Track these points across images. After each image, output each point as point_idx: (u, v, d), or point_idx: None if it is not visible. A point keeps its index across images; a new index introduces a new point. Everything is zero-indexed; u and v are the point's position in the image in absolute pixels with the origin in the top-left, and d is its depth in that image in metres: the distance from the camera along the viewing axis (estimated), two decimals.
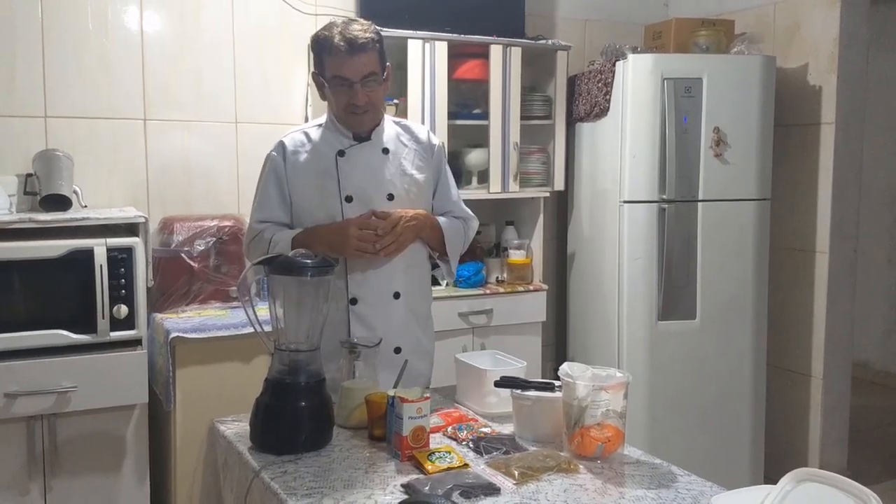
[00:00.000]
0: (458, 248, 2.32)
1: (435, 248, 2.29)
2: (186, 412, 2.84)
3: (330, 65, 2.09)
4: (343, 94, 2.10)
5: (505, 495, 1.57)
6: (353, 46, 2.05)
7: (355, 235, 2.07)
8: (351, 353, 1.98)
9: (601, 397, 1.72)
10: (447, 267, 2.32)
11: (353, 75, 2.07)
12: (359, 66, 2.07)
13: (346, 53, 2.05)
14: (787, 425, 3.82)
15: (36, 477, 2.66)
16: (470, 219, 2.37)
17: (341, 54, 2.06)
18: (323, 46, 2.09)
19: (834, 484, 1.22)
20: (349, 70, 2.07)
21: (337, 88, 2.11)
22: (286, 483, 1.62)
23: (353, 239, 2.07)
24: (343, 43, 2.05)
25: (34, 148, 3.03)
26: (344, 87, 2.09)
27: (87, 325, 2.67)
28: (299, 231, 2.14)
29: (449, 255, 2.29)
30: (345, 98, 2.11)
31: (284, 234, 2.14)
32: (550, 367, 3.97)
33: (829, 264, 3.65)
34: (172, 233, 3.09)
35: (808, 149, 3.70)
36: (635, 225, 3.50)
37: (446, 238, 2.25)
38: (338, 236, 2.09)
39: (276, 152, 2.20)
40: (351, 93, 2.09)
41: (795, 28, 3.73)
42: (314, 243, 2.07)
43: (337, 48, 2.06)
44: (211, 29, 3.35)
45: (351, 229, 2.08)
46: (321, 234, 2.12)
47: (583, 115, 3.75)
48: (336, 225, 2.12)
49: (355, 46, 2.06)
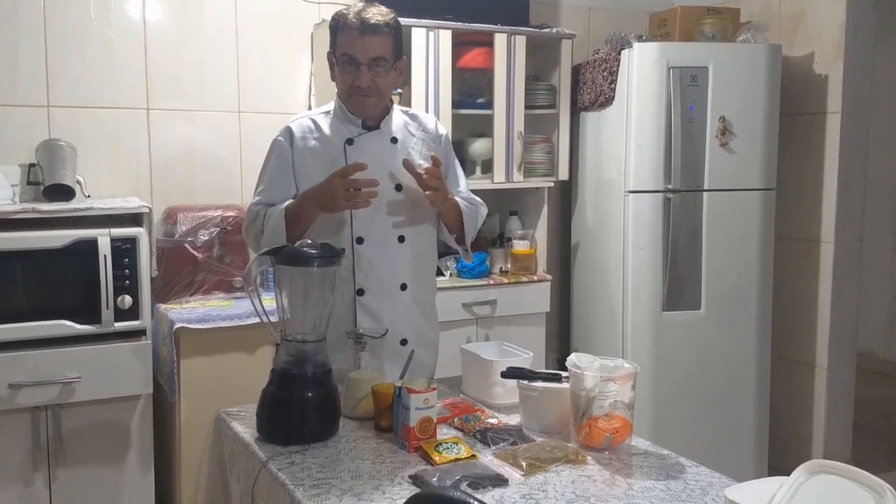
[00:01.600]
0: (473, 229, 2.31)
1: (452, 229, 2.27)
2: (191, 403, 2.83)
3: (341, 42, 2.09)
4: (349, 74, 2.10)
5: (513, 486, 1.57)
6: (365, 26, 2.05)
7: (341, 185, 2.03)
8: (357, 343, 1.98)
9: (609, 388, 1.72)
10: (462, 248, 2.32)
11: (361, 56, 2.07)
12: (368, 48, 2.06)
13: (357, 32, 2.05)
14: (792, 415, 3.82)
15: (40, 467, 2.66)
16: (479, 204, 2.37)
17: (353, 33, 2.06)
18: (338, 23, 2.10)
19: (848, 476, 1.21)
20: (358, 49, 2.07)
21: (344, 67, 2.10)
22: (293, 474, 1.61)
23: (340, 190, 2.03)
24: (356, 21, 2.06)
25: (37, 138, 3.02)
26: (351, 66, 2.09)
27: (92, 316, 2.67)
28: (289, 201, 2.12)
29: (466, 234, 2.27)
30: (350, 78, 2.10)
31: (275, 207, 2.12)
32: (554, 358, 3.96)
33: (835, 254, 3.63)
34: (176, 223, 3.08)
35: (814, 138, 3.68)
36: (640, 215, 3.48)
37: (465, 217, 2.24)
38: (325, 190, 2.05)
39: (283, 137, 2.18)
40: (356, 73, 2.08)
41: (801, 16, 3.71)
42: (306, 207, 2.06)
43: (349, 26, 2.06)
44: (214, 18, 3.34)
45: (335, 181, 2.04)
46: (310, 196, 2.09)
47: (587, 104, 3.73)
48: (323, 182, 2.08)
49: (367, 27, 2.05)
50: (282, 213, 2.08)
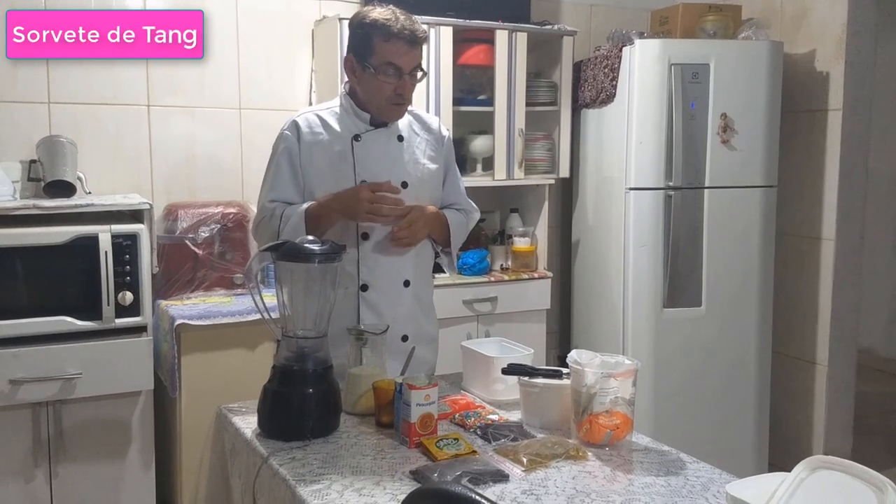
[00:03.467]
0: (461, 242, 2.33)
1: (439, 241, 2.28)
2: (192, 399, 2.84)
3: (384, 50, 2.06)
4: (389, 84, 2.08)
5: (514, 482, 1.57)
6: (415, 38, 2.06)
7: (367, 198, 2.04)
8: (358, 339, 1.98)
9: (610, 384, 1.72)
10: (448, 259, 2.32)
11: (406, 66, 2.07)
12: (414, 58, 2.08)
13: (406, 43, 2.05)
14: (792, 412, 3.82)
15: (41, 463, 2.67)
16: (472, 211, 2.37)
17: (401, 44, 2.05)
18: (379, 31, 2.06)
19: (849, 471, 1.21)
20: (405, 60, 2.07)
21: (385, 77, 2.08)
22: (294, 469, 1.61)
23: (364, 202, 2.04)
24: (407, 32, 2.05)
25: (38, 134, 3.02)
26: (392, 76, 2.07)
27: (93, 312, 2.67)
28: (311, 203, 2.11)
29: (452, 249, 2.28)
30: (390, 87, 2.08)
31: (296, 207, 2.11)
32: (555, 355, 3.96)
33: (835, 251, 3.63)
34: (177, 219, 3.08)
35: (815, 135, 3.68)
36: (641, 212, 3.48)
37: (452, 234, 2.25)
38: (350, 200, 2.06)
39: (290, 131, 2.16)
40: (399, 83, 2.08)
41: (803, 13, 3.70)
42: (327, 210, 2.07)
43: (398, 36, 2.05)
44: (215, 14, 3.32)
45: (363, 192, 2.05)
46: (334, 199, 2.09)
47: (589, 101, 3.73)
48: (349, 189, 2.09)
49: (416, 38, 2.07)
50: (302, 214, 2.07)
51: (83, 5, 3.09)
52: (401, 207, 2.10)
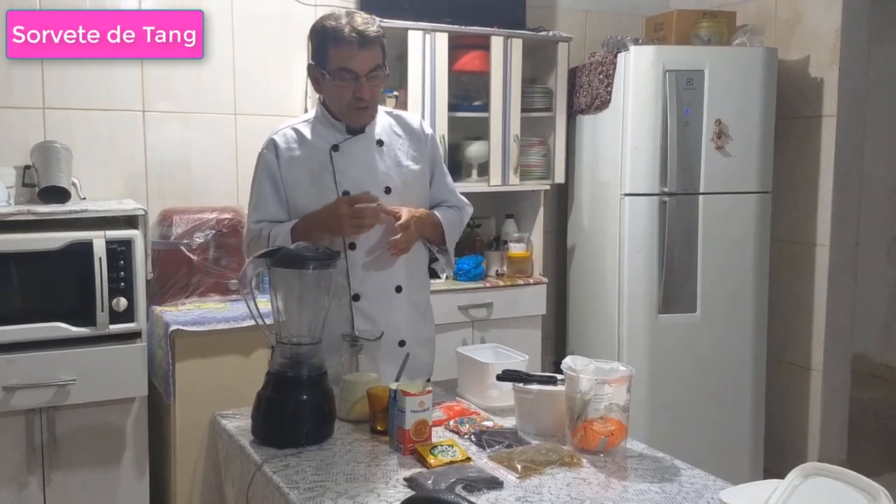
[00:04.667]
0: (456, 239, 2.32)
1: (434, 242, 2.28)
2: (186, 405, 2.83)
3: (336, 56, 2.05)
4: (347, 88, 2.07)
5: (508, 489, 1.57)
6: (364, 39, 2.03)
7: (347, 213, 2.04)
8: (352, 346, 1.97)
9: (604, 391, 1.72)
10: (446, 258, 2.31)
11: (360, 69, 2.05)
12: (367, 60, 2.05)
13: (356, 46, 2.03)
14: (787, 418, 3.82)
15: (35, 470, 2.65)
16: (464, 206, 2.36)
17: (351, 47, 2.03)
18: (329, 37, 2.05)
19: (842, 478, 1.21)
20: (358, 63, 2.04)
21: (341, 81, 2.07)
22: (288, 476, 1.61)
23: (345, 217, 2.04)
24: (354, 35, 2.02)
25: (32, 139, 3.01)
26: (349, 80, 2.06)
27: (87, 318, 2.66)
28: (296, 221, 2.12)
29: (448, 247, 2.28)
30: (349, 92, 2.08)
31: (282, 227, 2.12)
32: (550, 361, 3.96)
33: (830, 257, 3.64)
34: (171, 225, 3.08)
35: (810, 141, 3.69)
36: (636, 218, 3.49)
37: (446, 232, 2.24)
38: (332, 216, 2.06)
39: (268, 150, 2.17)
40: (356, 86, 2.06)
41: (797, 20, 3.72)
42: (312, 230, 2.07)
43: (347, 40, 2.02)
44: (210, 19, 3.32)
45: (342, 207, 2.05)
46: (316, 220, 2.09)
47: (584, 107, 3.74)
48: (327, 207, 2.09)
49: (366, 39, 2.03)
50: (287, 235, 2.08)
51: (83, 5, 3.09)
52: (386, 209, 2.09)
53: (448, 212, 2.29)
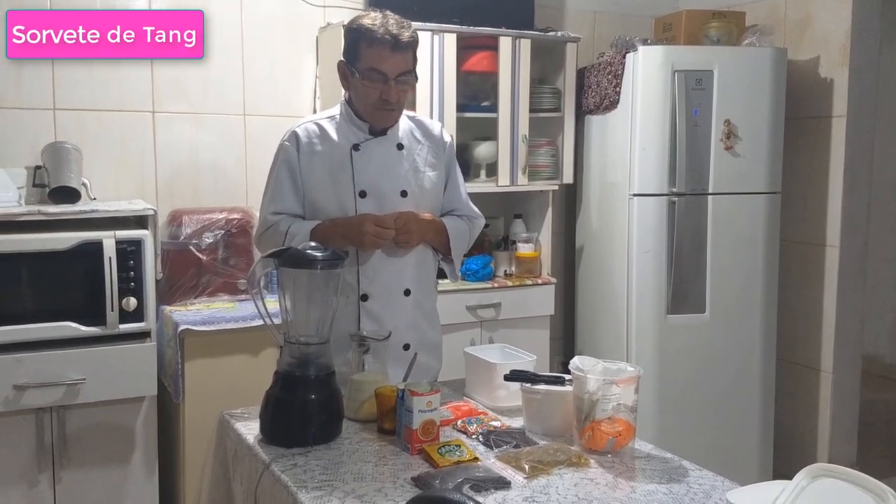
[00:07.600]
0: (463, 250, 2.31)
1: (440, 250, 2.28)
2: (195, 404, 2.84)
3: (368, 56, 2.06)
4: (375, 89, 2.08)
5: (515, 489, 1.57)
6: (397, 42, 2.04)
7: (371, 232, 2.06)
8: (360, 346, 1.98)
9: (612, 391, 1.71)
10: (450, 268, 2.32)
11: (390, 71, 2.06)
12: (398, 64, 2.06)
13: (389, 48, 2.04)
14: (797, 419, 3.81)
15: (45, 468, 2.67)
16: (476, 217, 2.36)
17: (384, 48, 2.04)
18: (363, 36, 2.06)
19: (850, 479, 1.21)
20: (389, 65, 2.05)
21: (370, 82, 2.08)
22: (296, 476, 1.62)
23: (369, 236, 2.06)
24: (388, 37, 2.03)
25: (43, 140, 3.03)
26: (378, 81, 2.07)
27: (97, 318, 2.67)
28: (317, 223, 2.12)
29: (453, 257, 2.28)
30: (376, 93, 2.08)
31: (302, 225, 2.12)
32: (558, 361, 3.96)
33: (840, 258, 3.63)
34: (181, 225, 3.09)
35: (819, 142, 3.68)
36: (645, 218, 3.48)
37: (452, 242, 2.24)
38: (355, 231, 2.08)
39: (290, 142, 2.17)
40: (385, 88, 2.07)
41: (807, 20, 3.70)
42: (332, 237, 2.07)
43: (380, 41, 2.03)
44: (219, 21, 3.34)
45: (366, 226, 2.07)
46: (338, 228, 2.10)
47: (592, 107, 3.73)
48: (354, 219, 2.10)
49: (399, 43, 2.05)
50: (307, 235, 2.08)
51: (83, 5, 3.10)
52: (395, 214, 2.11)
53: (457, 221, 2.29)
